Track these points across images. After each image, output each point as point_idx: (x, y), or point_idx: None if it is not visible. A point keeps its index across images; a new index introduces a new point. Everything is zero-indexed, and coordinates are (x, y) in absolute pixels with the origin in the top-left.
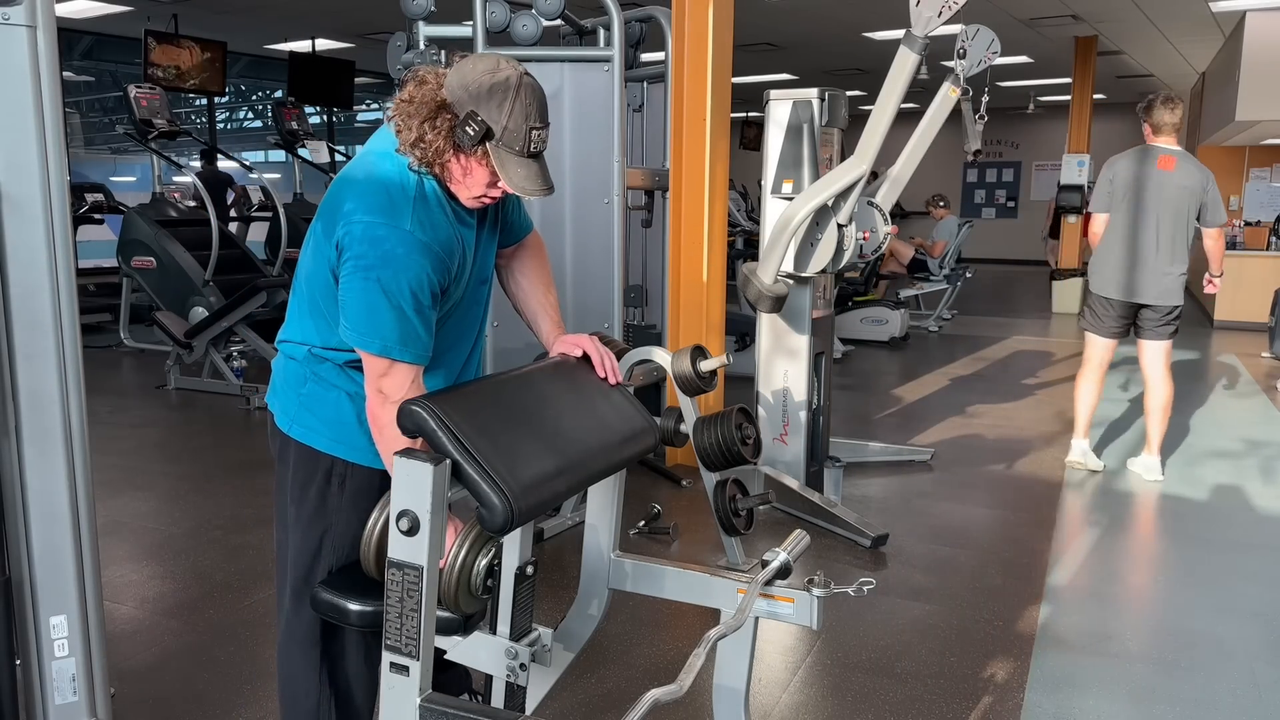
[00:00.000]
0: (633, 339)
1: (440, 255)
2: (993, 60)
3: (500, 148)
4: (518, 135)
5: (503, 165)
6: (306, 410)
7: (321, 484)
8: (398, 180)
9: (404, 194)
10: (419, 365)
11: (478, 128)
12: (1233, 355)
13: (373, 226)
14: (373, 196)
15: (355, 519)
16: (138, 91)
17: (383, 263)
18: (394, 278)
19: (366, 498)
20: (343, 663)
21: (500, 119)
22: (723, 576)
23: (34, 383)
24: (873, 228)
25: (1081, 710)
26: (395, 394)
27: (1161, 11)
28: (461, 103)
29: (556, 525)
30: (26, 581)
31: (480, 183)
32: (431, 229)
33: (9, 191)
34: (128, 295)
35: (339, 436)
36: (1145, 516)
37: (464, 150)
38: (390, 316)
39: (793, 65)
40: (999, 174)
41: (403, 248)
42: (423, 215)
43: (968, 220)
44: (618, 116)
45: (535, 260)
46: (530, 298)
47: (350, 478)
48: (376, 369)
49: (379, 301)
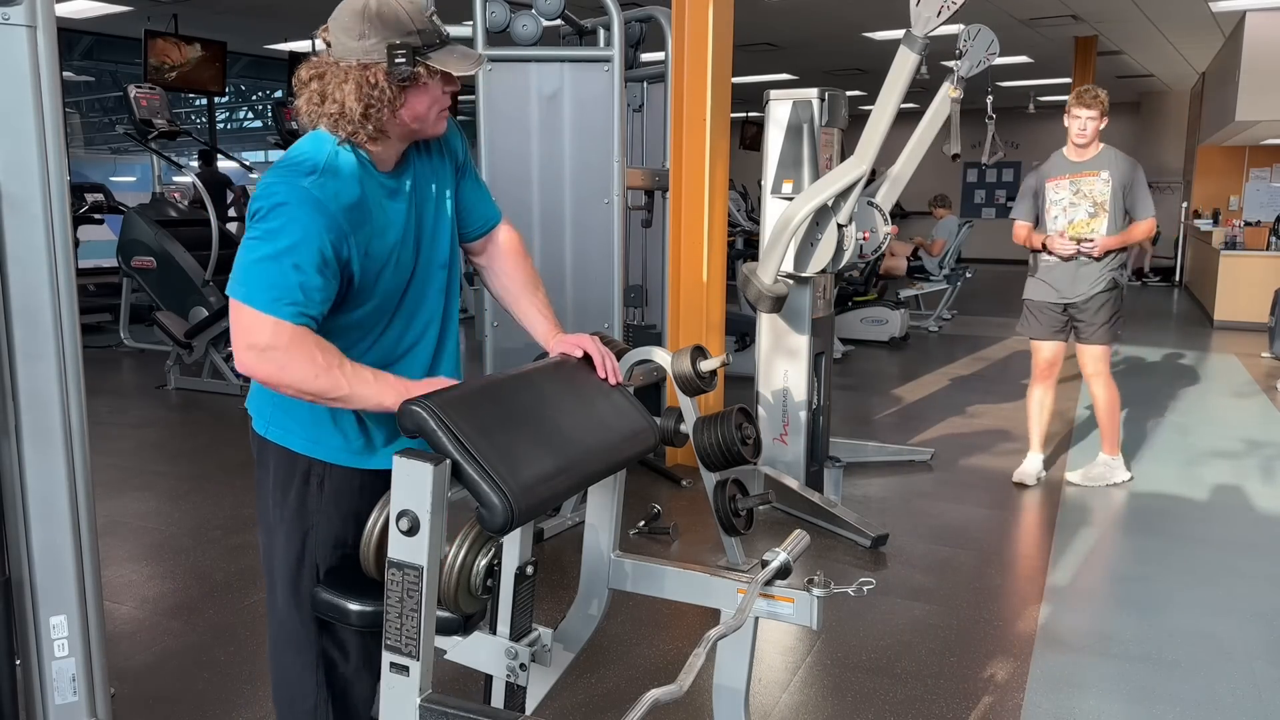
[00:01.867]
0: (633, 339)
1: (338, 218)
2: (992, 61)
3: (433, 55)
4: (431, 33)
5: (445, 64)
6: (282, 411)
7: (300, 486)
8: (310, 149)
9: (312, 160)
10: (291, 323)
11: (404, 53)
12: (1233, 355)
13: (270, 183)
14: (280, 163)
15: (337, 519)
16: (138, 91)
17: (274, 212)
18: (278, 228)
19: (347, 498)
20: (338, 663)
21: (410, 29)
22: (723, 576)
23: (34, 383)
24: (873, 228)
25: (1081, 710)
26: (263, 339)
27: (1161, 11)
28: (370, 49)
29: (556, 525)
30: (26, 581)
31: (439, 99)
32: (335, 194)
33: (9, 191)
34: (128, 295)
35: (315, 437)
36: (1145, 516)
37: (412, 80)
38: (264, 264)
39: (793, 65)
40: (999, 174)
41: (293, 199)
42: (327, 180)
43: (968, 220)
44: (618, 116)
45: (515, 258)
46: (520, 299)
47: (329, 478)
48: (242, 323)
49: (258, 249)
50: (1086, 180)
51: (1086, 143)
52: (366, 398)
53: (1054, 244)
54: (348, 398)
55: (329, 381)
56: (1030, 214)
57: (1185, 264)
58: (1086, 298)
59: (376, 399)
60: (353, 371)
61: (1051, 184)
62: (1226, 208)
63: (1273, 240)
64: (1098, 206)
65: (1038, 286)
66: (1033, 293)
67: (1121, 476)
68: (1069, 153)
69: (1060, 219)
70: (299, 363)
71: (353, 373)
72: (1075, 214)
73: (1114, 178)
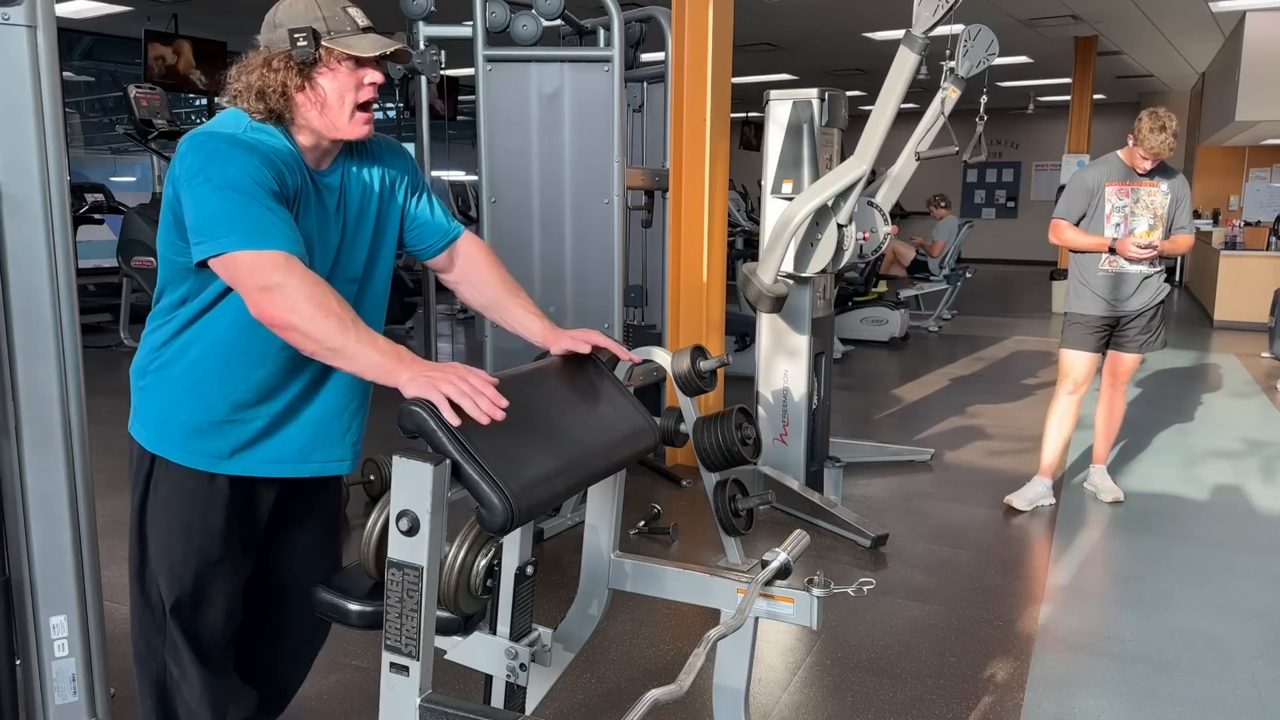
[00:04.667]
0: (633, 339)
1: (271, 160)
2: (990, 61)
3: (335, 38)
4: (340, 20)
5: (349, 46)
6: (142, 405)
7: (142, 488)
8: (225, 119)
9: (231, 125)
10: (288, 252)
11: (306, 37)
12: (1233, 355)
13: (195, 140)
14: (196, 132)
15: (164, 527)
16: (138, 91)
17: (209, 159)
18: (223, 169)
19: (178, 505)
20: (176, 676)
21: (315, 18)
22: (723, 576)
23: (34, 383)
24: (873, 228)
25: (1081, 710)
26: (273, 280)
27: (1161, 11)
28: (281, 38)
29: (556, 525)
30: (26, 581)
31: (349, 84)
32: (260, 143)
33: (9, 191)
34: (128, 295)
35: (160, 435)
36: (1144, 517)
37: (312, 65)
38: (232, 206)
39: (793, 65)
40: (999, 174)
41: (224, 144)
42: (250, 137)
43: (968, 220)
44: (618, 116)
45: (487, 267)
46: (505, 305)
47: (163, 482)
48: (242, 270)
49: (215, 196)
50: (1146, 190)
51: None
52: (361, 357)
53: (1127, 249)
54: (340, 350)
55: (333, 324)
56: (1079, 214)
57: (1185, 264)
58: (1147, 308)
59: (377, 362)
60: (357, 326)
61: (1113, 188)
62: (1226, 208)
63: (1273, 240)
64: (1157, 219)
65: (1090, 300)
66: (1084, 306)
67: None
68: (1128, 158)
69: (1121, 227)
70: (303, 297)
71: (356, 327)
72: (1136, 224)
73: (1172, 191)
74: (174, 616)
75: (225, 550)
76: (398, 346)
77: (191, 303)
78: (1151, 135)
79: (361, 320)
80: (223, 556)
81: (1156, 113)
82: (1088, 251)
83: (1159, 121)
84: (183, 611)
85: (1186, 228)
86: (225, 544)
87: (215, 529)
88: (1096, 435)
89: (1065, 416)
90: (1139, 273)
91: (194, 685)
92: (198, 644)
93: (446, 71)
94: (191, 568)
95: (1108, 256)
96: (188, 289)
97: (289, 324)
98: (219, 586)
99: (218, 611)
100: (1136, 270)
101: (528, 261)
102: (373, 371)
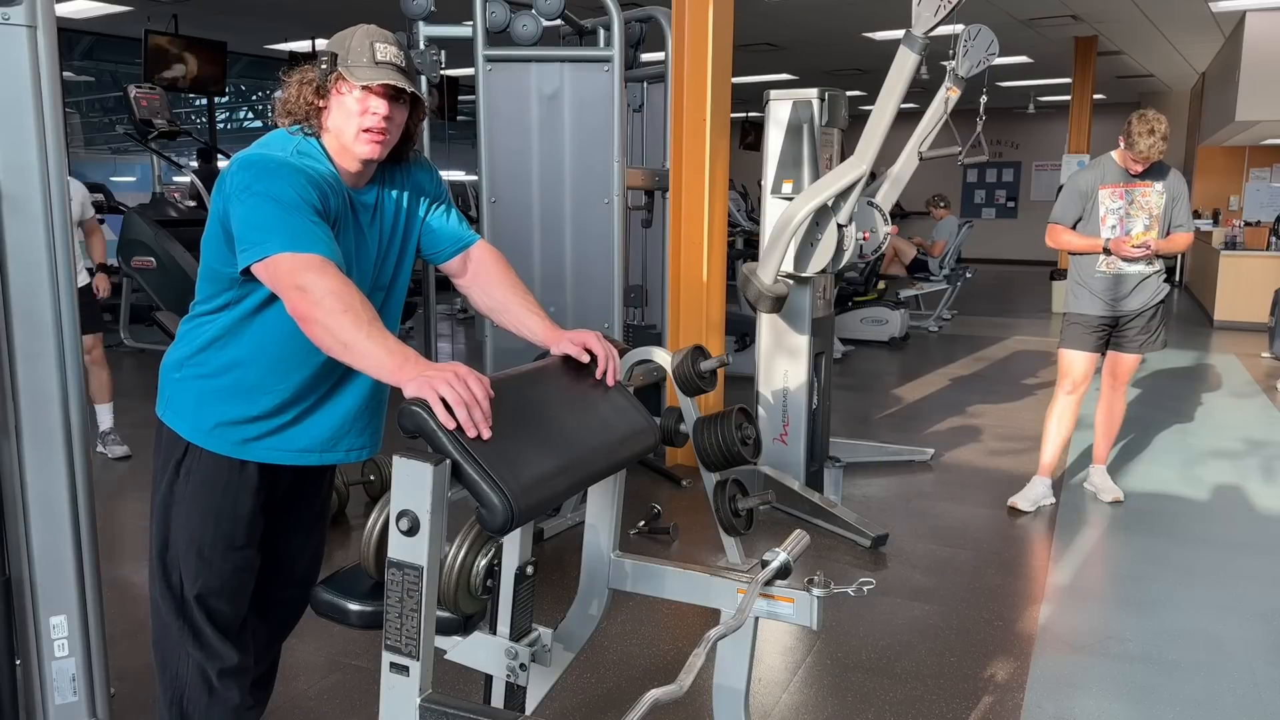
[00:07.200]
0: (633, 339)
1: (317, 180)
2: (991, 61)
3: (348, 67)
4: (361, 52)
5: (351, 73)
6: (176, 395)
7: (172, 474)
8: (275, 139)
9: (280, 145)
10: (327, 257)
11: (327, 61)
12: (1233, 355)
13: (246, 159)
14: (250, 150)
15: (195, 513)
16: (138, 91)
17: (257, 177)
18: (270, 184)
19: (209, 491)
20: (206, 667)
21: (342, 47)
22: (723, 576)
23: (34, 383)
24: (873, 228)
25: (1081, 710)
26: (307, 280)
27: (1161, 11)
28: (320, 62)
29: (556, 525)
30: (26, 581)
31: (354, 110)
32: (308, 166)
33: (9, 191)
34: (128, 295)
35: (196, 424)
36: (1144, 517)
37: (326, 86)
38: (276, 216)
39: (793, 65)
40: (999, 174)
41: (274, 163)
42: (299, 158)
43: (968, 220)
44: (618, 116)
45: (497, 270)
46: (509, 306)
47: (195, 470)
48: (282, 271)
49: (262, 208)
50: (1141, 191)
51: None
52: (369, 355)
53: (1122, 249)
54: (351, 345)
55: (349, 320)
56: (1074, 217)
57: (1185, 264)
58: (1146, 308)
59: (383, 361)
60: (372, 326)
61: (1107, 191)
62: (1226, 208)
63: (1273, 240)
64: (1153, 219)
65: (1087, 300)
66: (1082, 306)
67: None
68: (1121, 160)
69: (1117, 229)
70: (328, 292)
71: (371, 326)
72: (1132, 225)
73: (1167, 190)
74: (197, 601)
75: (248, 536)
76: (406, 348)
77: (234, 308)
78: (1140, 139)
79: (380, 321)
80: (245, 542)
81: (1145, 115)
82: (1085, 253)
83: (1148, 125)
84: (206, 595)
85: (1185, 226)
86: (249, 530)
87: (242, 515)
88: (1096, 435)
89: (1064, 416)
90: (1137, 273)
91: (215, 663)
92: (216, 625)
93: (446, 71)
94: (218, 551)
95: (1105, 257)
96: (230, 296)
97: (313, 316)
98: (239, 571)
99: (237, 594)
100: (1135, 270)
101: (528, 261)
102: (378, 369)
